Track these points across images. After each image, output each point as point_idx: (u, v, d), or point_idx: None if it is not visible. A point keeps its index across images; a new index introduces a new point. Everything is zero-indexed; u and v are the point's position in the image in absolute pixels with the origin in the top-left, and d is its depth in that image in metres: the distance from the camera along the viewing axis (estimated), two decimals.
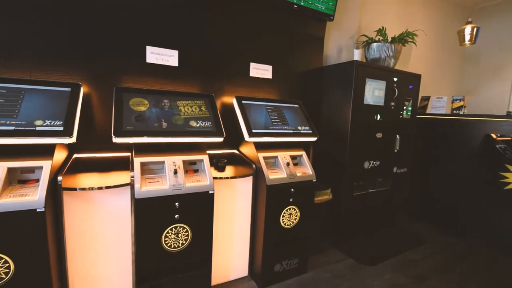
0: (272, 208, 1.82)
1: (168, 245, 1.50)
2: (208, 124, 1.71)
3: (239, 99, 2.00)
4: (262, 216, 1.82)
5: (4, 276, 1.19)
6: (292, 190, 1.87)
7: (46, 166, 1.30)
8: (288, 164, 1.91)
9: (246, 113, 1.93)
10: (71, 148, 1.67)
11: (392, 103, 2.63)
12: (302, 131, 2.05)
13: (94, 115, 1.74)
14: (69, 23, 1.63)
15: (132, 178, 1.44)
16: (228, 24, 2.13)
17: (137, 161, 1.49)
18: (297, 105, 2.26)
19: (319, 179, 2.12)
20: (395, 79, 2.61)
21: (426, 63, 3.89)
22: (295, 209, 1.92)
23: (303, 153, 2.07)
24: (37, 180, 1.33)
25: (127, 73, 1.80)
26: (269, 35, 2.32)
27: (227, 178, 1.76)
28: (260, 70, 2.29)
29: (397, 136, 2.70)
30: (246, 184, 1.88)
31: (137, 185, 1.41)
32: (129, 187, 1.49)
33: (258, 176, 1.86)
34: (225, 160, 1.93)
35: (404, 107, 2.77)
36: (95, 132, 1.75)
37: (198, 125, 1.67)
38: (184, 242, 1.54)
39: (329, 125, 2.56)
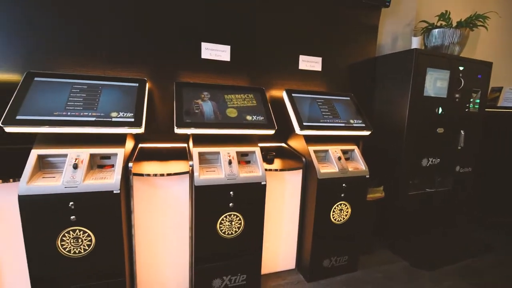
0: (322, 202, 1.79)
1: (223, 231, 1.57)
2: (259, 117, 1.73)
3: (289, 92, 1.99)
4: (312, 210, 1.80)
5: (87, 248, 1.37)
6: (343, 185, 1.81)
7: (120, 153, 1.45)
8: (339, 158, 1.85)
9: (296, 106, 1.91)
10: (136, 138, 1.83)
11: (457, 95, 2.37)
12: (354, 125, 1.97)
13: (155, 108, 1.89)
14: (135, 27, 1.78)
15: (191, 167, 1.54)
16: (278, 16, 2.11)
17: (196, 151, 1.58)
18: (348, 98, 2.17)
19: (370, 176, 2.02)
20: (461, 68, 2.34)
21: (499, 49, 3.40)
22: (346, 205, 1.85)
23: (355, 147, 1.98)
24: (112, 166, 1.49)
25: (184, 69, 1.91)
26: (319, 26, 2.25)
27: (276, 170, 1.78)
28: (310, 63, 2.24)
29: (462, 131, 2.42)
30: (295, 177, 1.87)
31: (196, 173, 1.50)
32: (187, 175, 1.60)
33: (308, 169, 1.84)
34: (274, 153, 1.95)
35: (471, 100, 2.47)
36: (156, 123, 1.90)
37: (250, 117, 1.70)
38: (237, 229, 1.60)
39: (382, 118, 2.41)
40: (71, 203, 1.30)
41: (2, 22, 1.57)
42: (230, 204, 1.55)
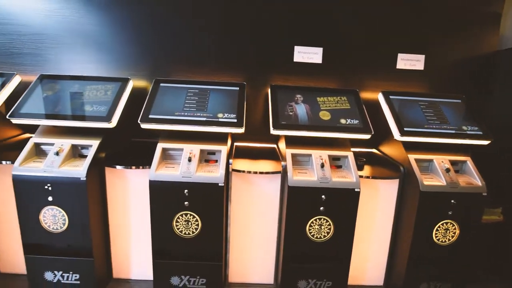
0: (423, 218, 1.60)
1: (312, 234, 1.58)
2: (354, 120, 1.67)
3: (386, 94, 1.85)
4: (410, 226, 1.63)
5: (195, 231, 1.58)
6: (452, 201, 1.57)
7: (223, 150, 1.63)
8: (447, 170, 1.62)
9: (395, 109, 1.77)
10: (232, 137, 2.02)
11: None
12: (468, 132, 1.69)
13: (248, 109, 2.03)
14: (235, 38, 1.96)
15: (283, 167, 1.60)
16: (373, 12, 1.98)
17: (289, 152, 1.63)
18: (459, 100, 1.87)
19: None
20: None
21: None
22: (453, 225, 1.61)
23: (467, 159, 1.70)
24: (216, 161, 1.68)
25: (276, 73, 2.00)
26: (422, 19, 2.02)
27: (368, 177, 1.68)
28: (410, 61, 2.03)
29: None
30: (390, 187, 1.72)
31: (289, 174, 1.55)
32: (278, 175, 1.67)
33: (407, 180, 1.67)
34: (364, 159, 1.84)
35: None
36: (249, 124, 2.04)
37: (344, 121, 1.66)
38: (325, 234, 1.58)
39: (504, 125, 1.99)
40: (185, 190, 1.53)
41: (137, 39, 1.97)
42: (321, 208, 1.54)
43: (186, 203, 1.54)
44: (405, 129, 1.67)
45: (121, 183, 1.69)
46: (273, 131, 1.61)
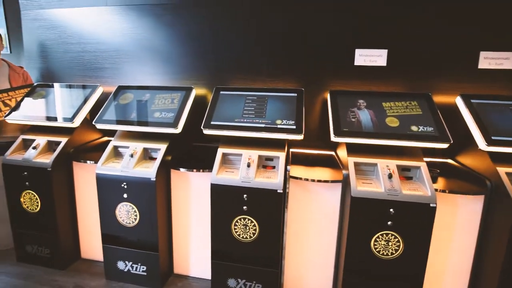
0: None
1: (377, 249, 1.46)
2: (427, 127, 1.50)
3: (466, 98, 1.63)
4: (500, 249, 1.39)
5: (252, 236, 1.59)
6: None
7: (282, 156, 1.62)
8: None
9: (478, 114, 1.54)
10: (288, 143, 2.00)
11: None
12: None
13: (305, 115, 1.99)
14: (289, 43, 1.94)
15: (345, 176, 1.52)
16: (448, 6, 1.77)
17: (351, 160, 1.54)
18: None
19: None
20: None
21: None
22: None
23: None
24: (273, 167, 1.68)
25: (335, 77, 1.92)
26: (510, 10, 1.73)
27: (444, 191, 1.48)
28: (496, 60, 1.76)
29: None
30: (473, 203, 1.50)
31: (352, 184, 1.46)
32: (338, 184, 1.59)
33: (495, 196, 1.43)
34: (438, 170, 1.64)
35: None
36: (305, 130, 2.00)
37: (416, 128, 1.51)
38: (394, 251, 1.45)
39: None
40: (245, 195, 1.56)
41: (198, 51, 2.10)
42: (389, 222, 1.42)
43: (244, 207, 1.56)
44: (492, 137, 1.44)
45: (184, 184, 1.80)
46: (334, 138, 1.54)
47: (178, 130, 1.74)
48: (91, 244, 2.06)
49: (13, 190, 1.95)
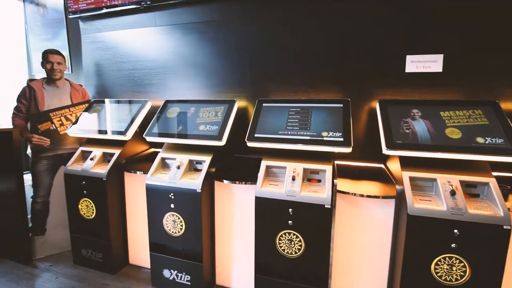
0: None
1: (439, 275, 1.32)
2: (497, 139, 1.35)
3: None
4: None
5: (298, 252, 1.55)
6: None
7: (328, 170, 1.56)
8: None
9: None
10: (333, 155, 1.94)
11: None
12: None
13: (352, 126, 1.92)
14: (332, 52, 1.90)
15: (399, 192, 1.42)
16: None
17: (406, 175, 1.44)
18: None
19: None
20: None
21: None
22: None
23: None
24: (319, 180, 1.63)
25: (383, 86, 1.83)
26: None
27: None
28: None
29: None
30: None
31: (409, 200, 1.35)
32: (391, 200, 1.49)
33: None
34: (508, 186, 1.46)
35: None
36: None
37: (483, 140, 1.36)
38: (459, 277, 1.30)
39: None
40: (290, 209, 1.52)
41: (238, 65, 2.15)
42: (453, 245, 1.28)
43: (290, 221, 1.53)
44: None
45: (227, 196, 1.82)
46: (386, 151, 1.46)
47: (223, 142, 1.77)
48: (139, 251, 2.16)
49: (72, 197, 2.13)
